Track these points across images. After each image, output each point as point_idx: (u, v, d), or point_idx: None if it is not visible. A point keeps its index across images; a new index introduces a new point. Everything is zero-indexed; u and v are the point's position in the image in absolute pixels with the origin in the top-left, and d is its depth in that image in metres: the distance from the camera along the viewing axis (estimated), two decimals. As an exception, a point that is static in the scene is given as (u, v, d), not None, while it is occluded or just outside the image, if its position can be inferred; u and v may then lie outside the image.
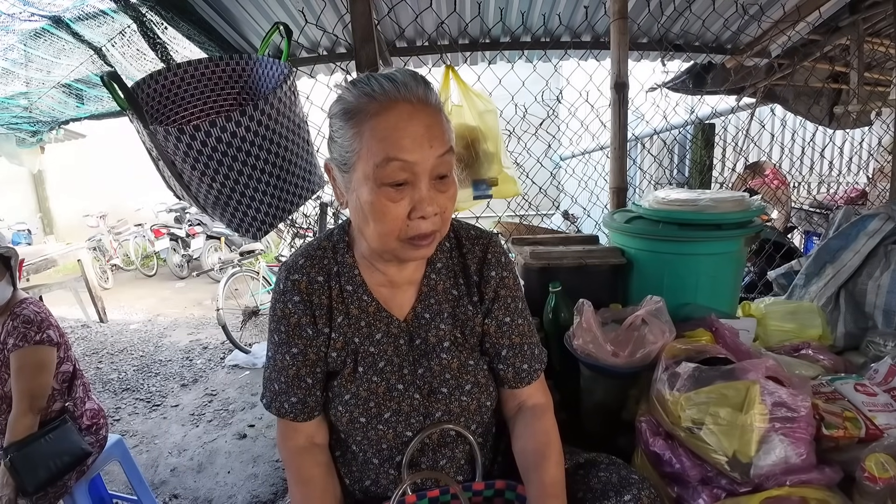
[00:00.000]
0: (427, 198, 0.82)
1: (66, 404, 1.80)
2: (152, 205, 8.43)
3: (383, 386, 0.94)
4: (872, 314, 1.65)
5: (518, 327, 1.01)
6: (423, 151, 0.80)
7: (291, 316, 0.93)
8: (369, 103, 0.80)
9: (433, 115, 0.82)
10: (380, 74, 0.83)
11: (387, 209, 0.81)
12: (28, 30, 2.17)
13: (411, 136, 0.79)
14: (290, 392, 0.94)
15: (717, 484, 1.02)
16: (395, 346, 0.97)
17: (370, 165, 0.80)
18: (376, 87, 0.81)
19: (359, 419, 0.92)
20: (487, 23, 2.44)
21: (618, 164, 2.04)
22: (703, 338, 1.30)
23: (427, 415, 0.94)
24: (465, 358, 0.98)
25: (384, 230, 0.83)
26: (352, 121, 0.82)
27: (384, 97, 0.80)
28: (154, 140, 1.25)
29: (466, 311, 1.00)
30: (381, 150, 0.79)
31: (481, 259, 1.01)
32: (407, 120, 0.80)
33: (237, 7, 2.04)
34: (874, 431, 1.10)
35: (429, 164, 0.81)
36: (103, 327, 5.52)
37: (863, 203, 3.92)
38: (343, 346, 0.95)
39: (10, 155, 4.22)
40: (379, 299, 0.97)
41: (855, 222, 1.76)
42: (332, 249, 0.98)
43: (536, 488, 0.89)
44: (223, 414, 3.40)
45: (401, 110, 0.80)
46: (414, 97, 0.81)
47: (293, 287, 0.94)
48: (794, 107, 3.23)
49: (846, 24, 2.67)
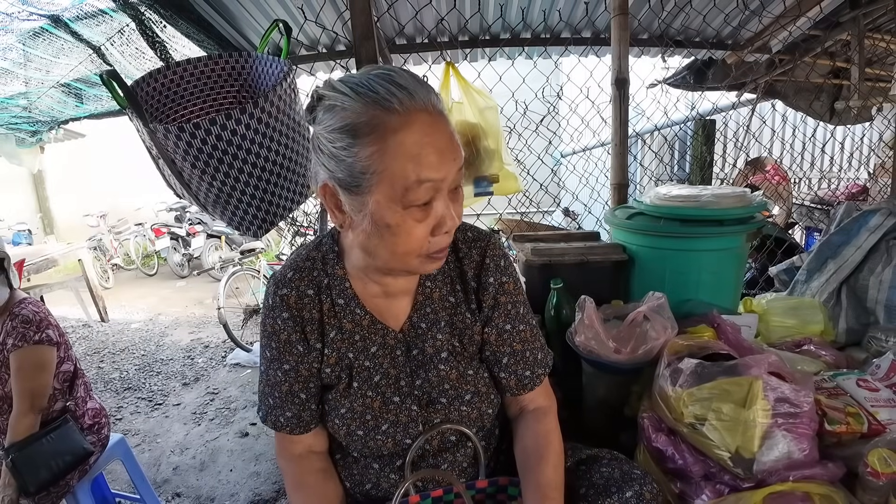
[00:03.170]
0: (448, 213, 0.78)
1: (67, 404, 1.80)
2: (152, 204, 8.43)
3: (379, 400, 0.92)
4: (874, 310, 1.65)
5: (520, 333, 0.98)
6: (448, 166, 0.75)
7: (281, 333, 0.91)
8: (386, 116, 0.72)
9: (447, 123, 0.76)
10: (375, 77, 0.74)
11: (412, 230, 0.77)
12: (27, 29, 2.17)
13: (437, 152, 0.74)
14: (284, 407, 0.92)
15: (720, 480, 1.02)
16: (391, 357, 0.94)
17: (398, 189, 0.73)
18: (385, 94, 0.72)
19: (356, 432, 0.91)
20: (487, 19, 2.44)
21: (619, 161, 2.04)
22: (706, 334, 1.30)
23: (426, 423, 0.93)
24: (465, 368, 0.95)
25: (406, 249, 0.79)
26: (366, 138, 0.72)
27: (401, 107, 0.72)
28: (154, 138, 1.25)
29: (465, 319, 0.96)
30: (412, 171, 0.72)
31: (479, 263, 0.97)
32: (431, 133, 0.73)
33: (236, 5, 2.04)
34: (877, 427, 1.10)
35: (451, 179, 0.77)
36: (104, 327, 5.52)
37: (864, 199, 3.91)
38: (337, 362, 0.93)
39: (10, 155, 4.21)
40: (373, 311, 0.94)
41: (856, 218, 1.76)
42: (322, 261, 0.94)
43: (532, 490, 0.88)
44: (225, 412, 3.40)
45: (422, 122, 0.73)
46: (428, 104, 0.74)
47: (282, 303, 0.91)
48: (795, 102, 3.22)
49: (847, 20, 2.66)
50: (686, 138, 4.54)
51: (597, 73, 2.55)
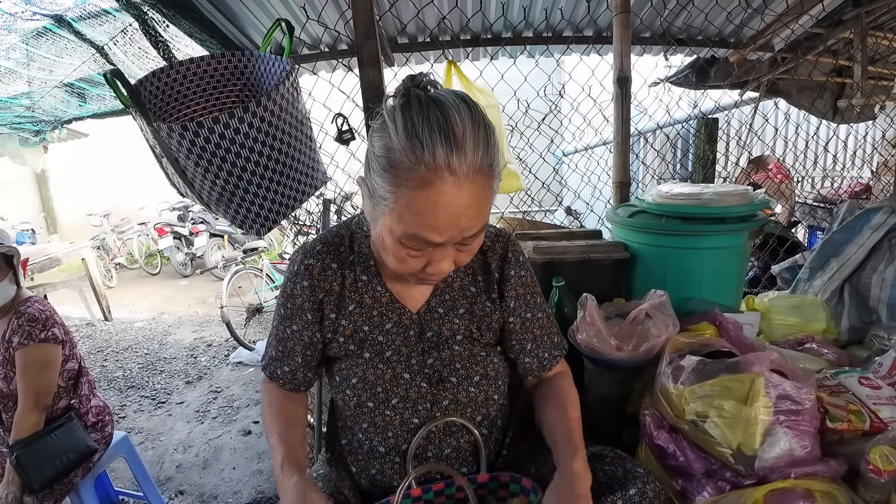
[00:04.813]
0: (446, 259, 0.83)
1: (71, 402, 1.81)
2: (155, 203, 8.43)
3: (389, 373, 0.96)
4: (876, 308, 1.65)
5: (538, 321, 1.05)
6: (454, 233, 0.78)
7: (297, 297, 0.98)
8: (415, 167, 0.73)
9: (479, 190, 0.76)
10: (434, 119, 0.73)
11: (406, 260, 0.82)
12: (30, 29, 2.17)
13: (446, 220, 0.75)
14: (284, 361, 1.01)
15: (722, 477, 1.02)
16: (404, 336, 0.99)
17: (398, 229, 0.78)
18: (426, 143, 0.72)
19: (367, 403, 0.95)
20: (489, 18, 2.44)
21: (621, 159, 2.04)
22: (707, 331, 1.30)
23: (434, 402, 0.96)
24: (478, 350, 1.00)
25: (400, 270, 0.85)
26: (390, 175, 0.75)
27: (432, 165, 0.72)
28: (157, 137, 1.26)
29: (484, 307, 1.02)
30: (413, 225, 0.76)
31: (502, 257, 1.04)
32: (448, 203, 0.74)
33: (238, 4, 2.04)
34: (878, 424, 1.10)
35: (456, 240, 0.80)
36: (108, 325, 5.54)
37: (867, 197, 3.90)
38: (352, 334, 0.98)
39: (14, 155, 4.23)
40: (392, 291, 1.00)
41: (859, 216, 1.75)
42: (350, 238, 1.01)
43: (560, 428, 0.93)
44: (228, 411, 3.41)
45: (443, 191, 0.73)
46: (466, 166, 0.73)
47: (305, 271, 0.97)
48: (798, 101, 3.21)
49: (849, 18, 2.65)
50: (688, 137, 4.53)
51: (599, 72, 2.55)
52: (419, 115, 0.74)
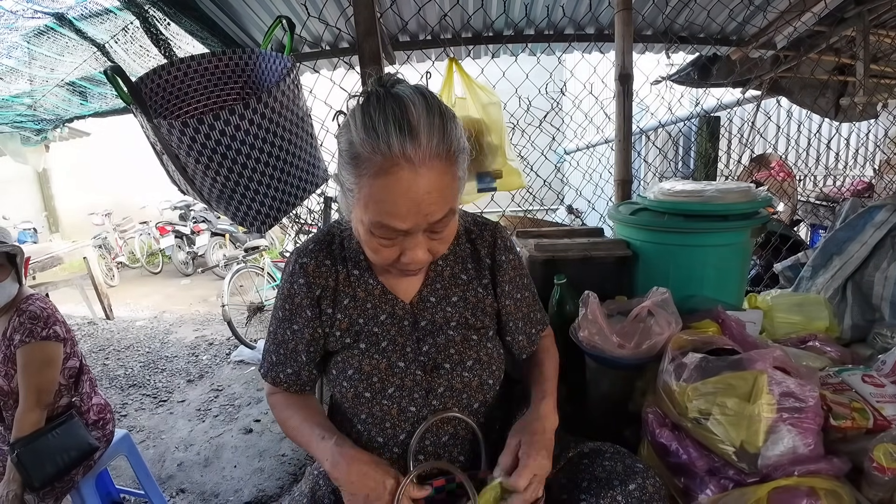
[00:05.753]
0: (418, 248, 0.85)
1: (72, 399, 1.81)
2: (157, 202, 8.44)
3: (384, 362, 0.97)
4: (879, 306, 1.64)
5: (526, 299, 1.12)
6: (417, 219, 0.80)
7: (296, 296, 1.00)
8: (372, 156, 0.76)
9: (439, 176, 0.78)
10: (390, 111, 0.76)
11: (378, 249, 0.86)
12: (32, 27, 2.17)
13: (407, 206, 0.78)
14: (286, 364, 1.02)
15: (725, 474, 1.02)
16: (398, 326, 1.01)
17: (366, 218, 0.82)
18: (383, 137, 0.75)
19: (363, 394, 0.96)
20: (490, 15, 2.43)
21: (622, 157, 2.03)
22: (710, 329, 1.29)
23: (429, 390, 0.96)
24: (471, 334, 1.02)
25: (377, 261, 0.89)
26: (353, 167, 0.80)
27: (388, 153, 0.75)
28: (158, 134, 1.25)
29: (477, 293, 1.05)
30: (375, 212, 0.80)
31: (492, 244, 1.07)
32: (406, 188, 0.76)
33: (239, 2, 2.04)
34: (882, 422, 1.10)
35: (423, 227, 0.82)
36: (109, 324, 5.55)
37: (869, 195, 3.90)
38: (348, 327, 1.00)
39: (15, 153, 4.22)
40: (384, 283, 1.02)
41: (862, 213, 1.75)
42: (341, 235, 1.05)
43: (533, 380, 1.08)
44: (229, 409, 3.41)
45: (400, 177, 0.76)
46: (422, 152, 0.76)
47: (301, 270, 1.00)
48: (800, 99, 3.20)
49: (852, 16, 2.64)
50: (690, 134, 4.53)
51: (600, 69, 2.54)
52: (376, 109, 0.78)
